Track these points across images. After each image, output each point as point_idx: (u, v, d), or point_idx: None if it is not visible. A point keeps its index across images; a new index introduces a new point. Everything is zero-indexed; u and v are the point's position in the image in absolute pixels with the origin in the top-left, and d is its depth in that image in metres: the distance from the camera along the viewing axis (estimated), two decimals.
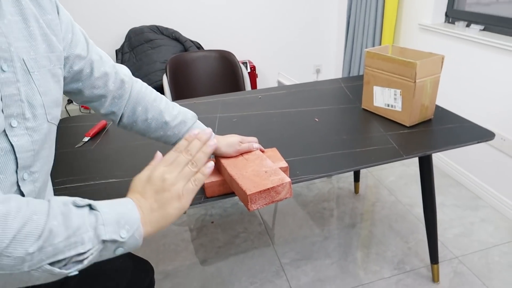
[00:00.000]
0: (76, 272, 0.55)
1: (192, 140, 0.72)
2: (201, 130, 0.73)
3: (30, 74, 0.69)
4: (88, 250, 0.55)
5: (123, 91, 0.95)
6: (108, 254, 0.59)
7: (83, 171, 1.23)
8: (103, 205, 0.61)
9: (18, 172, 0.67)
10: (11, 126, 0.65)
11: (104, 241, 0.57)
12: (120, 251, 0.60)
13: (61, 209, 0.56)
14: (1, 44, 0.63)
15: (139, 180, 0.70)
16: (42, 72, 0.71)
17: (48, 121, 0.72)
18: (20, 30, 0.68)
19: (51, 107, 0.73)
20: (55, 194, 1.09)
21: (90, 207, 0.59)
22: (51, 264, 0.53)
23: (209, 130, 0.73)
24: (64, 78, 0.81)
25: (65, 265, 0.54)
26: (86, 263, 0.56)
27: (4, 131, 0.64)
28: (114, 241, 0.58)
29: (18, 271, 0.50)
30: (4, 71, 0.64)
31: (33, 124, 0.69)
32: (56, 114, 0.76)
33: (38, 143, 0.71)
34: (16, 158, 0.66)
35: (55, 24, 0.76)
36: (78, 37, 0.84)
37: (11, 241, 0.49)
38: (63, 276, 0.54)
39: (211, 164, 0.71)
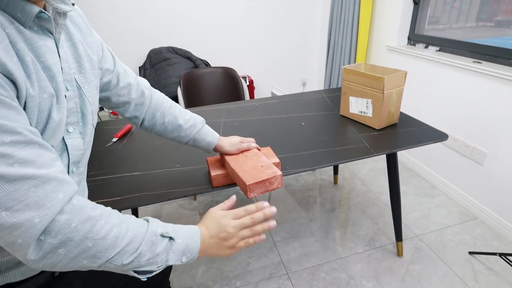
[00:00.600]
0: (145, 279, 0.63)
1: (260, 210, 0.74)
2: (269, 206, 0.74)
3: (81, 89, 0.70)
4: (158, 268, 0.62)
5: (144, 99, 0.95)
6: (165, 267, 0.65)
7: (112, 165, 1.22)
8: (179, 236, 0.66)
9: (69, 166, 0.69)
10: (68, 132, 0.67)
11: (169, 264, 0.64)
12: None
13: (152, 238, 0.62)
14: (66, 69, 0.65)
15: (212, 218, 0.73)
16: (90, 86, 0.73)
17: (93, 125, 0.74)
18: (72, 53, 0.69)
19: (95, 114, 0.76)
20: (91, 184, 1.09)
21: (170, 238, 0.65)
22: (134, 271, 0.61)
23: (274, 209, 0.74)
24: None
25: (140, 273, 0.62)
26: (153, 274, 0.63)
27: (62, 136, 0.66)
28: (175, 264, 0.64)
29: (113, 271, 0.60)
30: (68, 90, 0.66)
31: (84, 129, 0.71)
32: (96, 119, 0.78)
33: (87, 144, 0.73)
34: (68, 155, 0.67)
35: (93, 45, 0.77)
36: (107, 55, 0.84)
37: (116, 254, 0.57)
38: (136, 277, 0.62)
39: (263, 237, 0.73)
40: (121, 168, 1.20)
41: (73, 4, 0.68)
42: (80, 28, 0.74)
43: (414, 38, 2.45)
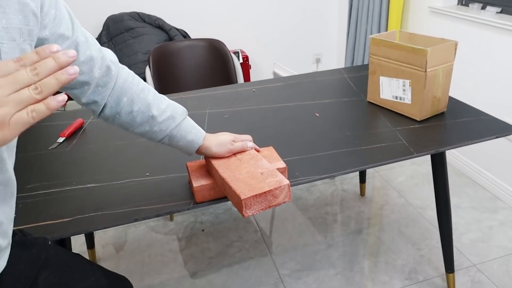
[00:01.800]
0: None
1: (45, 57, 0.53)
2: (64, 49, 0.54)
3: None
4: None
5: (108, 78, 0.93)
6: None
7: (58, 175, 1.22)
8: None
9: None
10: None
11: None
12: None
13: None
14: None
15: None
16: (11, 45, 0.67)
17: None
18: None
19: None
20: (29, 201, 1.09)
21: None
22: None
23: (73, 52, 0.54)
24: None
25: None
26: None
27: None
28: None
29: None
30: None
31: None
32: None
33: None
34: None
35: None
36: (62, 14, 0.81)
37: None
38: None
39: (63, 98, 0.53)
40: (70, 179, 1.20)
41: None
42: None
43: None
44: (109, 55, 0.95)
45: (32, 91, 0.52)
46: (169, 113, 1.01)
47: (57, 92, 0.53)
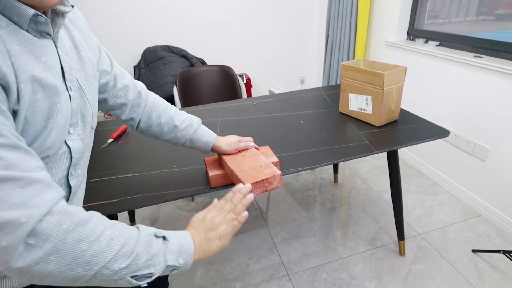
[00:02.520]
0: (146, 285, 0.61)
1: (236, 192, 0.79)
2: (243, 186, 0.81)
3: (83, 91, 0.71)
4: (157, 270, 0.61)
5: (140, 100, 0.96)
6: (166, 273, 0.64)
7: (108, 167, 1.22)
8: (171, 236, 0.66)
9: (70, 168, 0.69)
10: (69, 133, 0.67)
11: (168, 266, 0.63)
12: (174, 272, 0.65)
13: (146, 238, 0.62)
14: (67, 69, 0.66)
15: (197, 218, 0.75)
16: (91, 88, 0.74)
17: (91, 127, 0.76)
18: (74, 55, 0.70)
19: (95, 116, 0.76)
20: (87, 186, 1.09)
21: (164, 238, 0.64)
22: (132, 277, 0.58)
23: (249, 186, 0.81)
24: None
25: (139, 278, 0.59)
26: (153, 278, 0.61)
27: None
28: (173, 266, 0.63)
29: (111, 278, 0.56)
30: (71, 89, 0.67)
31: (84, 130, 0.72)
32: (96, 121, 0.78)
33: (85, 146, 0.73)
34: (71, 158, 0.68)
35: (92, 47, 0.78)
36: (104, 56, 0.85)
37: (112, 258, 0.55)
38: (136, 286, 0.60)
39: (246, 214, 0.76)
40: (117, 170, 1.20)
41: (72, 6, 0.68)
42: (81, 30, 0.76)
43: (414, 33, 2.45)
44: (140, 84, 0.99)
45: (232, 215, 0.75)
46: (187, 122, 1.02)
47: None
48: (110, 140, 1.43)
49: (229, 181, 1.07)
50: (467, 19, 2.09)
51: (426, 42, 2.34)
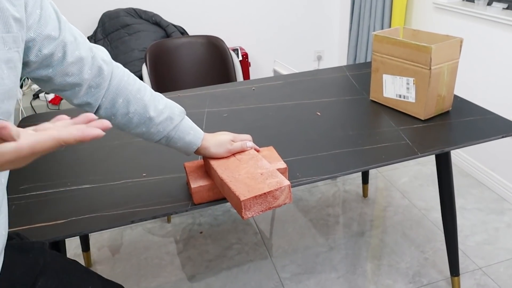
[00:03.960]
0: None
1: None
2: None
3: None
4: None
5: (101, 79, 0.92)
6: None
7: (52, 176, 1.22)
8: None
9: None
10: None
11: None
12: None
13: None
14: None
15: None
16: None
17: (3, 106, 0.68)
18: None
19: (8, 98, 0.69)
20: (21, 203, 1.08)
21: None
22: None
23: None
24: (32, 63, 0.78)
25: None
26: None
27: None
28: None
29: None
30: None
31: None
32: (8, 108, 0.71)
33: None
34: None
35: None
36: (48, 14, 0.79)
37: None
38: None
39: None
40: (65, 179, 1.20)
41: None
42: None
43: None
44: (101, 54, 0.93)
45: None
46: (166, 114, 1.00)
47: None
48: None
49: (219, 195, 1.07)
50: None
51: (489, 3, 2.34)
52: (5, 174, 0.73)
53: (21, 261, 0.80)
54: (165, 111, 1.00)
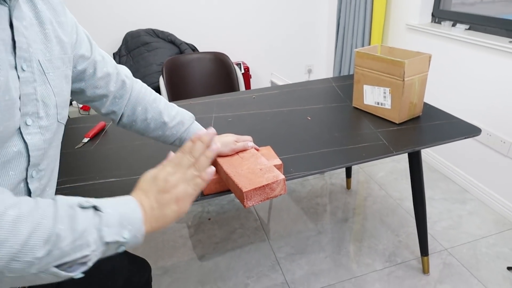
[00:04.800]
0: (82, 275, 0.54)
1: (196, 142, 0.71)
2: (204, 132, 0.72)
3: (45, 75, 0.70)
4: (92, 252, 0.54)
5: (124, 91, 0.95)
6: (110, 253, 0.58)
7: (83, 171, 1.22)
8: (108, 205, 0.59)
9: (28, 169, 0.68)
10: (26, 125, 0.66)
11: (107, 243, 0.56)
12: (122, 249, 0.59)
13: (68, 212, 0.54)
14: (21, 44, 0.64)
15: (146, 177, 0.69)
16: (56, 73, 0.72)
17: (58, 120, 0.74)
18: (37, 33, 0.69)
19: (62, 107, 0.74)
20: (58, 193, 1.09)
21: (95, 208, 0.57)
22: (57, 266, 0.51)
23: (213, 130, 0.72)
24: None
25: (70, 267, 0.53)
26: (90, 264, 0.54)
27: (19, 129, 0.64)
28: (116, 242, 0.57)
29: (26, 273, 0.49)
30: (24, 70, 0.65)
31: (46, 123, 0.70)
32: (65, 114, 0.77)
33: (48, 142, 0.72)
34: (28, 156, 0.67)
35: (66, 26, 0.77)
36: (82, 38, 0.84)
37: (22, 246, 0.48)
38: (68, 278, 0.53)
39: (212, 169, 0.70)
40: (94, 174, 1.20)
41: None
42: (53, 5, 0.75)
43: (439, 14, 2.45)
44: (124, 71, 0.97)
45: (193, 171, 0.68)
46: (178, 119, 1.01)
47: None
48: (85, 140, 1.43)
49: (224, 187, 1.07)
50: None
51: (453, 25, 2.34)
52: (50, 167, 0.76)
53: None
54: (177, 117, 1.01)
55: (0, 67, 0.60)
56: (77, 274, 0.53)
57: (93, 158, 1.31)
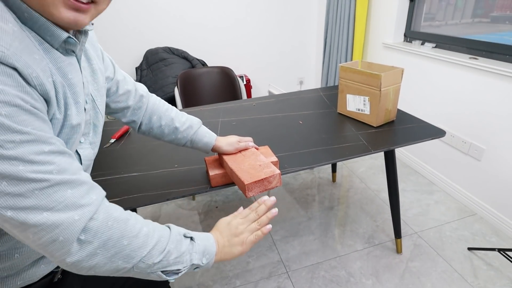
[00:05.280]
0: (173, 280, 0.65)
1: (261, 204, 0.79)
2: (268, 198, 0.80)
3: (95, 102, 0.72)
4: (184, 268, 0.65)
5: (141, 103, 0.96)
6: (190, 270, 0.68)
7: (111, 166, 1.22)
8: (198, 238, 0.70)
9: None
10: (80, 142, 0.68)
11: (192, 264, 0.66)
12: (196, 270, 0.69)
13: (177, 237, 0.66)
14: (85, 84, 0.67)
15: (223, 222, 0.78)
16: (102, 99, 0.76)
17: (100, 134, 0.76)
18: (88, 68, 0.71)
19: (101, 123, 0.76)
20: None
21: (191, 238, 0.68)
22: (162, 271, 0.63)
23: (274, 199, 0.80)
24: None
25: (168, 273, 0.64)
26: (180, 275, 0.65)
27: None
28: (197, 264, 0.67)
29: (144, 272, 0.61)
30: (87, 103, 0.68)
31: (95, 139, 0.73)
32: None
33: (95, 154, 0.75)
34: (81, 164, 0.69)
35: (100, 57, 0.79)
36: (107, 63, 0.85)
37: (147, 253, 0.60)
38: (164, 280, 0.64)
39: (269, 227, 0.77)
40: (119, 169, 1.20)
41: (92, 24, 0.69)
42: (92, 42, 0.76)
43: (410, 35, 2.45)
44: (141, 87, 0.99)
45: (256, 225, 0.77)
46: (188, 124, 1.02)
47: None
48: (112, 140, 1.43)
49: (229, 180, 1.07)
50: (463, 21, 2.09)
51: (422, 44, 2.34)
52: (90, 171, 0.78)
53: None
54: (187, 122, 1.02)
55: (81, 108, 0.64)
56: (171, 279, 0.65)
57: (119, 155, 1.31)
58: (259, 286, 1.62)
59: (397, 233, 1.74)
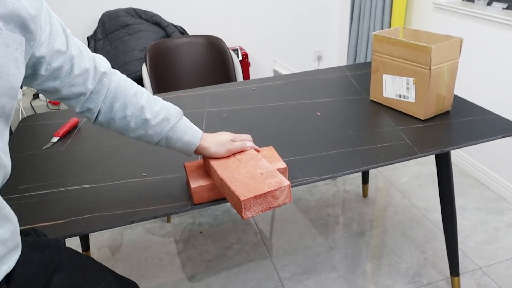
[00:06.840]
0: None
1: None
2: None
3: None
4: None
5: (101, 85, 0.94)
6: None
7: (52, 176, 1.22)
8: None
9: None
10: None
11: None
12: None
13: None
14: None
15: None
16: (3, 50, 0.68)
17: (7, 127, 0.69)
18: None
19: (2, 93, 0.67)
20: (21, 203, 1.09)
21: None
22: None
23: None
24: (41, 76, 0.81)
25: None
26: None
27: None
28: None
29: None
30: None
31: None
32: (8, 105, 0.70)
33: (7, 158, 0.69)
34: None
35: (36, 9, 0.74)
36: (56, 29, 0.82)
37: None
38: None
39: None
40: (65, 179, 1.20)
41: None
42: None
43: None
44: (102, 63, 0.96)
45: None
46: (163, 115, 1.01)
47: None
48: (55, 139, 1.43)
49: (219, 195, 1.07)
50: None
51: (489, 3, 2.34)
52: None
53: (37, 258, 0.80)
54: (161, 113, 1.01)
55: None
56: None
57: (64, 160, 1.31)
58: None
59: (454, 269, 1.74)
